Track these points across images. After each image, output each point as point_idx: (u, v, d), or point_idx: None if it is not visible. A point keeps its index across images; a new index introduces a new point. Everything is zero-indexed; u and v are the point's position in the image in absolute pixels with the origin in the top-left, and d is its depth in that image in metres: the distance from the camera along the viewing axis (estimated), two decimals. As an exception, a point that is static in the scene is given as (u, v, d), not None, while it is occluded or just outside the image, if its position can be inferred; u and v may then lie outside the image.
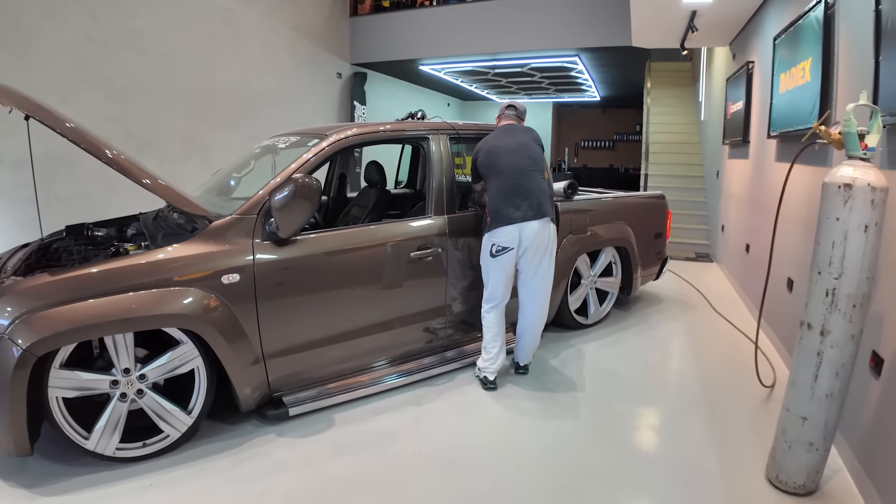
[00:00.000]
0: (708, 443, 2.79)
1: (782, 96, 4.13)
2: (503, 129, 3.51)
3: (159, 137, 5.73)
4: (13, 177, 4.39)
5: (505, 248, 3.21)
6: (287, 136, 3.61)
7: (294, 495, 2.35)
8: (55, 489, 2.36)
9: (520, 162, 3.28)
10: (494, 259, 3.25)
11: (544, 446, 2.77)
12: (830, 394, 2.23)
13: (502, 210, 3.20)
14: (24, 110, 2.44)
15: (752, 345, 3.99)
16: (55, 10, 4.69)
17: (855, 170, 2.11)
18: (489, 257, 3.27)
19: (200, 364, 2.60)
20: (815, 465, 2.35)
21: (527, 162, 3.29)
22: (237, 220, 2.75)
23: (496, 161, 3.30)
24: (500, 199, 3.22)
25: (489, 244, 3.26)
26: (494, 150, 3.34)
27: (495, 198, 3.24)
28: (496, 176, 3.28)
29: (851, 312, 2.16)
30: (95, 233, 3.29)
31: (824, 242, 2.18)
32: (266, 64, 7.36)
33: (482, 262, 3.36)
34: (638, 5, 5.38)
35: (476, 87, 12.87)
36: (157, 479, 2.44)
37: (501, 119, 3.64)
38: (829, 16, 3.24)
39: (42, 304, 2.29)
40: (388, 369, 3.32)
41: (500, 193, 3.23)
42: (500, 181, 3.26)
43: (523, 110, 3.65)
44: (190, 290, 2.53)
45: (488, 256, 3.28)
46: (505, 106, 3.65)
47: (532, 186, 3.24)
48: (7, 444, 2.28)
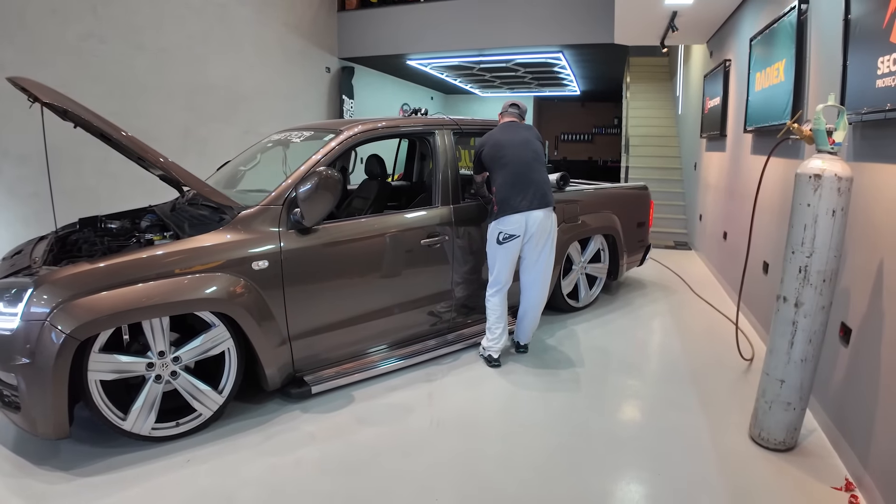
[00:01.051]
0: (695, 407, 3.09)
1: (758, 94, 4.42)
2: (507, 125, 3.71)
3: (158, 131, 5.85)
4: (18, 171, 4.49)
5: (512, 235, 3.45)
6: (300, 131, 3.81)
7: (327, 461, 2.58)
8: (92, 469, 2.50)
9: (525, 155, 3.52)
10: (501, 246, 3.48)
11: (546, 413, 3.04)
12: (804, 358, 2.53)
13: (510, 200, 3.43)
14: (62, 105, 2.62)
15: (730, 324, 4.32)
16: (58, 6, 4.78)
17: (823, 162, 2.40)
18: (496, 244, 3.50)
19: (231, 346, 2.79)
20: (793, 423, 2.64)
21: (531, 155, 3.54)
22: (264, 210, 2.94)
23: (503, 154, 3.52)
24: (507, 189, 3.45)
25: (496, 232, 3.48)
26: (501, 144, 3.56)
27: (503, 188, 3.46)
28: (503, 168, 3.50)
29: (821, 286, 2.45)
30: (109, 225, 3.42)
31: (797, 225, 2.47)
32: (258, 59, 7.49)
33: (488, 249, 3.58)
34: (622, 5, 5.63)
35: (460, 82, 13.08)
36: (192, 456, 2.61)
37: (504, 116, 3.83)
38: (802, 21, 3.50)
39: (82, 292, 2.43)
40: (400, 350, 3.56)
41: (507, 184, 3.46)
42: (506, 172, 3.48)
43: (524, 109, 3.88)
44: (222, 275, 2.72)
45: (495, 244, 3.50)
46: (508, 104, 3.86)
47: (537, 177, 3.49)
48: (46, 428, 2.41)
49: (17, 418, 2.47)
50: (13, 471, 2.50)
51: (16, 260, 2.93)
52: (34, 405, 2.39)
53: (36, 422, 2.41)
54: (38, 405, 2.38)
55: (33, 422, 2.42)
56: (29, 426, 2.44)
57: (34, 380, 2.36)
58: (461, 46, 8.73)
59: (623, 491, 2.42)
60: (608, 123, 17.23)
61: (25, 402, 2.39)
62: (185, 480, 2.44)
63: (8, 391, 2.49)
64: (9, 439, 2.75)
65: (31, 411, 2.40)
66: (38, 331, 2.35)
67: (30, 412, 2.40)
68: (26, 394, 2.38)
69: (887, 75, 2.23)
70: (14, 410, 2.46)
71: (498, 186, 3.50)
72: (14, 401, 2.46)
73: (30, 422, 2.43)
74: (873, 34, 2.35)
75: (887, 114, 2.23)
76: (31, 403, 2.39)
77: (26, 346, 2.35)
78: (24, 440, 2.74)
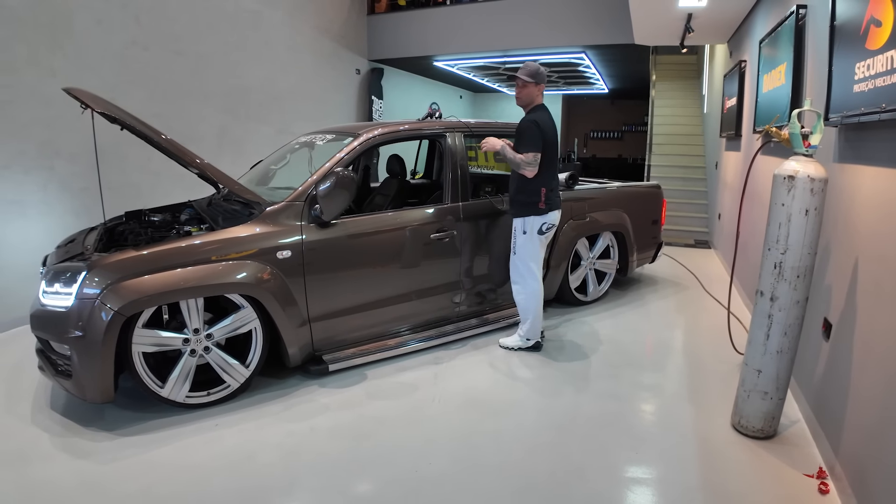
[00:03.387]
0: (684, 396, 3.28)
1: (765, 95, 4.54)
2: (549, 113, 3.74)
3: (197, 132, 6.24)
4: (70, 168, 4.88)
5: (553, 225, 3.75)
6: (324, 134, 4.13)
7: (338, 429, 2.89)
8: (132, 430, 2.86)
9: (557, 154, 3.76)
10: (543, 235, 3.71)
11: (540, 396, 3.28)
12: (780, 350, 2.69)
13: (556, 194, 3.73)
14: (112, 113, 2.98)
15: (735, 321, 4.46)
16: (104, 17, 5.17)
17: (798, 164, 2.56)
18: (537, 234, 3.68)
19: (257, 325, 3.13)
20: (771, 412, 2.80)
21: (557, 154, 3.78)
22: (288, 205, 3.27)
23: (553, 147, 3.66)
24: (554, 183, 3.72)
25: (539, 223, 3.67)
26: (553, 139, 3.66)
27: (551, 182, 3.68)
28: (551, 161, 3.65)
29: (795, 282, 2.61)
30: (152, 218, 3.80)
31: (773, 224, 2.64)
32: (290, 62, 7.84)
33: (528, 240, 3.71)
34: (636, 9, 5.78)
35: (487, 81, 13.28)
36: (220, 421, 2.96)
37: (541, 93, 3.78)
38: (801, 26, 3.62)
39: (128, 275, 2.79)
40: (411, 335, 3.85)
41: (553, 179, 3.71)
42: (552, 167, 3.69)
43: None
44: (251, 263, 3.06)
45: (535, 234, 3.68)
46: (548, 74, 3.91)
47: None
48: (94, 392, 2.78)
49: (68, 385, 2.84)
50: (62, 431, 2.87)
51: (69, 247, 3.31)
52: (84, 373, 2.75)
53: (85, 388, 2.78)
54: (87, 373, 2.74)
55: (83, 388, 2.78)
56: (79, 392, 2.81)
57: (85, 351, 2.72)
58: (486, 48, 8.94)
59: (598, 467, 2.60)
60: (638, 121, 17.14)
61: (77, 370, 2.75)
62: (213, 441, 2.77)
63: (62, 361, 2.87)
64: (59, 404, 3.14)
65: (82, 379, 2.76)
66: (89, 308, 2.71)
67: (80, 379, 2.77)
68: (78, 363, 2.74)
69: (863, 80, 2.36)
70: (66, 378, 2.83)
71: (547, 180, 3.65)
72: (66, 369, 2.83)
73: (80, 388, 2.79)
74: (852, 40, 2.46)
75: (861, 118, 2.37)
76: (82, 372, 2.75)
77: (79, 321, 2.71)
78: (71, 405, 3.12)
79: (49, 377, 2.96)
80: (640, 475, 2.55)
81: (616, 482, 2.49)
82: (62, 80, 4.66)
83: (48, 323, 2.85)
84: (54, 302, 2.82)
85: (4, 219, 4.42)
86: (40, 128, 4.62)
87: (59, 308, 2.79)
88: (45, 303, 2.86)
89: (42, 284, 2.93)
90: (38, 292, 2.95)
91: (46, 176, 4.70)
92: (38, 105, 4.57)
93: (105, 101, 3.02)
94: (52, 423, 2.94)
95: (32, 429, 2.90)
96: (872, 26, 2.20)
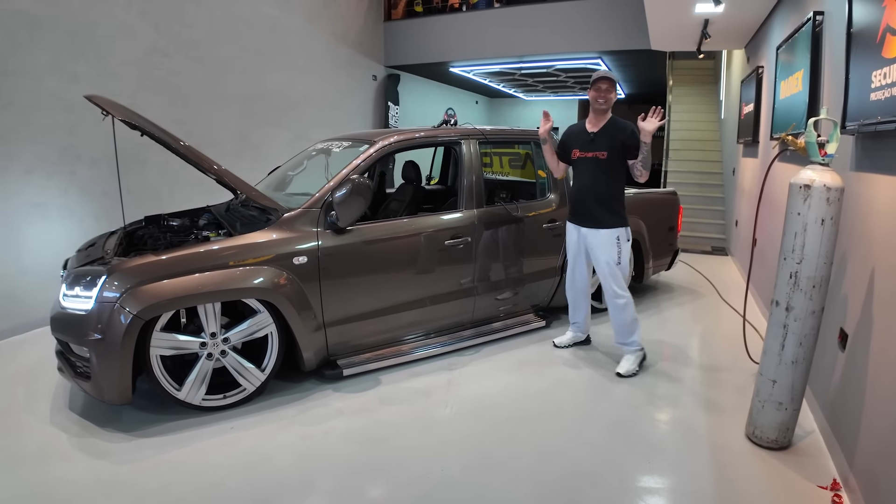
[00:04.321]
0: (698, 405, 3.26)
1: (782, 102, 4.51)
2: None
3: (216, 137, 6.33)
4: (90, 173, 4.98)
5: None
6: (340, 142, 4.17)
7: (351, 433, 2.92)
8: (149, 432, 2.91)
9: None
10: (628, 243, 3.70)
11: (552, 403, 3.28)
12: (795, 360, 2.67)
13: None
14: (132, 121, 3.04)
15: (750, 329, 4.42)
16: (125, 24, 5.26)
17: (814, 173, 2.55)
18: (627, 243, 3.69)
19: (273, 330, 3.17)
20: (786, 423, 2.77)
21: None
22: (304, 212, 3.31)
23: None
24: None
25: (628, 233, 3.69)
26: None
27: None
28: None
29: (811, 292, 2.59)
30: (171, 222, 3.86)
31: (788, 233, 2.62)
32: (308, 68, 7.93)
33: (623, 249, 3.67)
34: (653, 14, 5.76)
35: (504, 86, 13.30)
36: (236, 424, 3.00)
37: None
38: (818, 33, 3.60)
39: (147, 279, 2.85)
40: (425, 340, 3.88)
41: None
42: None
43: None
44: (268, 268, 3.10)
45: (626, 243, 3.68)
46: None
47: None
48: (112, 394, 2.84)
49: (87, 386, 2.90)
50: (80, 431, 2.93)
51: (90, 251, 3.38)
52: (103, 375, 2.81)
53: (103, 389, 2.83)
54: (106, 375, 2.80)
55: (101, 389, 2.84)
56: (97, 393, 2.86)
57: (104, 353, 2.78)
58: (502, 53, 8.97)
59: (611, 475, 2.60)
60: (656, 126, 17.00)
61: (95, 372, 2.81)
62: (228, 443, 2.82)
63: (81, 363, 2.94)
64: (77, 405, 3.20)
65: (100, 380, 2.82)
66: (109, 312, 2.77)
67: (99, 381, 2.82)
68: (97, 365, 2.80)
69: (879, 89, 2.34)
70: (85, 380, 2.89)
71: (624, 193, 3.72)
72: (85, 371, 2.89)
73: (98, 389, 2.85)
74: (869, 48, 2.44)
75: (877, 126, 2.35)
76: (101, 373, 2.81)
77: (99, 324, 2.77)
78: (89, 406, 3.18)
79: (68, 378, 3.02)
80: (653, 484, 2.54)
81: (628, 491, 2.48)
82: (84, 86, 4.77)
83: (68, 325, 2.91)
84: (75, 305, 2.89)
85: (27, 222, 4.52)
86: (62, 133, 4.72)
87: (79, 311, 2.85)
88: (66, 306, 2.93)
89: (63, 287, 3.00)
90: (59, 295, 3.01)
91: (68, 180, 4.80)
92: (59, 110, 4.67)
93: (125, 107, 3.08)
94: (70, 424, 3.00)
95: (51, 429, 2.96)
96: (889, 35, 2.18)
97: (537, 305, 4.57)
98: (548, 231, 4.34)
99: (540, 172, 4.59)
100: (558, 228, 4.35)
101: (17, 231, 4.46)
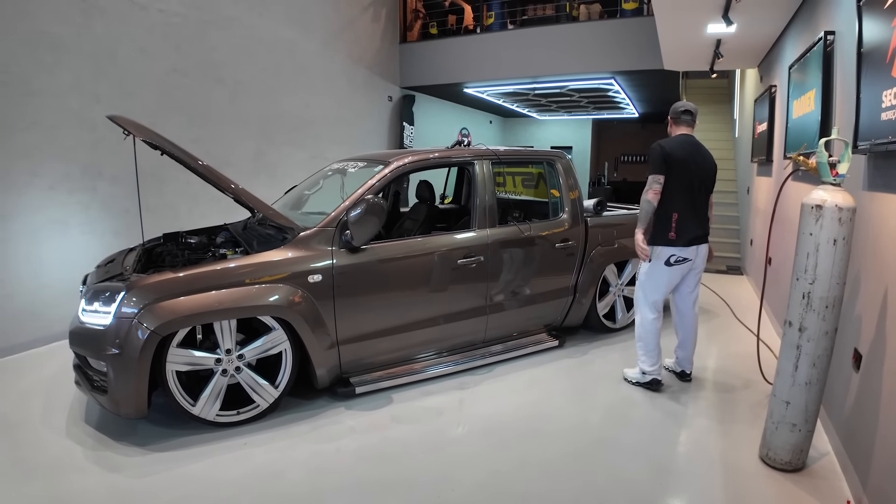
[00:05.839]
0: (712, 426, 3.24)
1: (795, 121, 4.50)
2: (689, 141, 3.59)
3: (234, 156, 6.44)
4: (111, 189, 5.08)
5: (686, 259, 3.54)
6: (355, 162, 4.24)
7: (363, 450, 2.93)
8: (163, 446, 2.95)
9: (703, 184, 3.58)
10: (671, 267, 3.54)
11: (565, 423, 3.27)
12: (809, 381, 2.65)
13: (689, 227, 3.50)
14: (153, 141, 3.12)
15: (765, 349, 4.38)
16: (146, 45, 5.41)
17: (825, 193, 2.55)
18: (663, 265, 3.54)
19: (287, 347, 3.20)
20: (799, 444, 2.74)
21: (708, 185, 3.63)
22: (320, 231, 3.36)
23: (686, 175, 3.48)
24: (687, 215, 3.50)
25: (667, 254, 3.53)
26: (687, 163, 3.48)
27: (684, 213, 3.49)
28: (685, 190, 3.49)
29: (824, 312, 2.58)
30: (189, 240, 3.91)
31: (801, 253, 2.62)
32: (325, 89, 8.06)
33: (652, 269, 3.59)
34: (665, 35, 5.80)
35: (517, 106, 13.38)
36: (249, 440, 3.03)
37: (679, 126, 3.66)
38: (829, 52, 3.61)
39: (165, 296, 2.90)
40: (437, 359, 3.90)
41: (686, 210, 3.51)
42: (686, 197, 3.50)
43: (696, 113, 3.69)
44: (283, 286, 3.15)
45: (662, 265, 3.55)
46: (681, 110, 3.65)
47: (704, 210, 3.63)
48: (128, 408, 2.89)
49: (103, 400, 2.95)
50: (95, 444, 2.98)
51: (109, 267, 3.45)
52: (119, 389, 2.85)
53: (120, 403, 2.88)
54: (122, 389, 2.85)
55: (117, 403, 2.89)
56: (113, 407, 2.91)
57: (121, 368, 2.83)
58: (516, 74, 9.04)
59: (623, 497, 2.58)
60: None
61: (112, 386, 2.86)
62: (241, 459, 2.84)
63: (98, 377, 2.99)
64: (93, 419, 3.25)
65: (117, 394, 2.87)
66: (127, 327, 2.83)
67: (115, 395, 2.87)
68: (114, 379, 2.85)
69: (889, 108, 2.34)
70: (102, 393, 2.94)
71: (679, 210, 3.48)
72: (102, 385, 2.94)
73: (114, 403, 2.90)
74: (879, 68, 2.45)
75: (888, 146, 2.35)
76: (117, 387, 2.85)
77: (116, 339, 2.83)
78: (105, 419, 3.23)
79: (85, 392, 3.08)
80: (665, 506, 2.52)
81: (640, 512, 2.46)
82: (105, 106, 4.90)
83: (86, 340, 2.97)
84: (93, 320, 2.95)
85: (48, 237, 4.62)
86: (84, 151, 4.84)
87: (97, 326, 2.91)
88: (85, 320, 2.99)
89: (82, 303, 3.07)
90: (78, 310, 3.08)
91: (89, 197, 4.91)
92: (82, 129, 4.80)
93: (146, 128, 3.17)
94: (86, 437, 3.05)
95: (66, 441, 3.01)
96: (898, 56, 2.20)
97: (550, 325, 4.57)
98: (560, 250, 4.35)
99: (553, 192, 4.62)
100: (571, 248, 4.37)
101: (38, 246, 4.56)
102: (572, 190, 4.49)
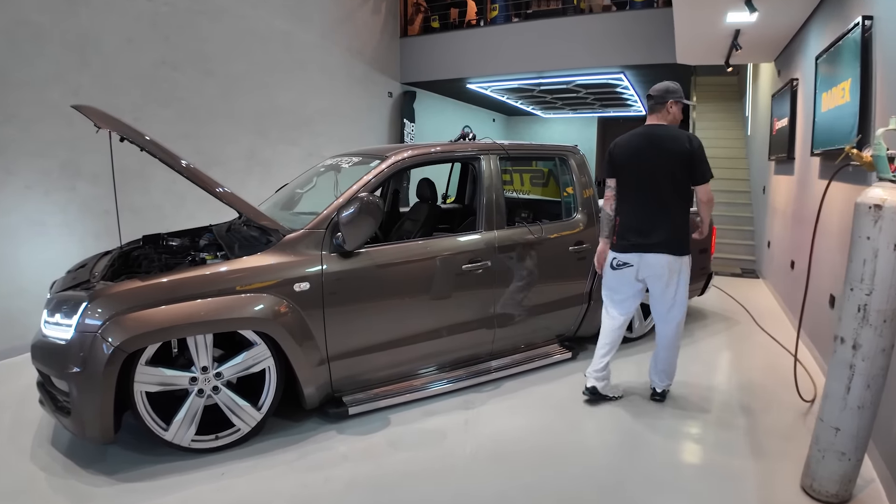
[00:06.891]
0: (745, 450, 2.91)
1: (824, 115, 4.20)
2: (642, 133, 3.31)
3: (225, 154, 6.13)
4: (92, 189, 4.78)
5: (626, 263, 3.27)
6: (350, 157, 3.91)
7: (357, 481, 2.61)
8: (134, 475, 2.64)
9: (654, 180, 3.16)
10: (615, 271, 3.32)
11: (582, 446, 2.96)
12: (862, 405, 2.33)
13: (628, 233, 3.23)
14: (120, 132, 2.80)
15: (793, 360, 4.06)
16: (134, 35, 5.11)
17: (884, 191, 2.23)
18: (609, 267, 3.35)
19: (271, 364, 2.87)
20: (848, 475, 2.44)
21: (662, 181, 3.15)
22: (308, 233, 3.03)
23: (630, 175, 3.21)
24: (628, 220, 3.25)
25: (610, 257, 3.33)
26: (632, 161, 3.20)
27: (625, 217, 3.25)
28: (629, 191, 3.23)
29: (882, 327, 2.26)
30: (170, 242, 3.62)
31: (856, 260, 2.30)
32: (322, 84, 7.76)
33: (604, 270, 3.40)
34: (682, 25, 5.51)
35: (521, 104, 13.10)
36: (228, 469, 2.71)
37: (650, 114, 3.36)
38: (867, 38, 3.31)
39: (132, 307, 2.58)
40: (439, 375, 3.56)
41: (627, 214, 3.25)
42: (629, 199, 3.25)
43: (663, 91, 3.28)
44: (265, 296, 2.82)
45: (609, 267, 3.35)
46: (646, 95, 3.36)
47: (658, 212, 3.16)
48: (93, 432, 2.57)
49: (67, 422, 2.64)
50: (61, 471, 2.68)
51: (78, 273, 3.13)
52: (83, 411, 2.54)
53: (84, 426, 2.57)
54: (86, 411, 2.54)
55: (82, 426, 2.58)
56: (77, 430, 2.61)
57: (84, 387, 2.51)
58: (521, 69, 8.76)
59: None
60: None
61: (76, 407, 2.55)
62: (220, 491, 2.53)
63: (61, 396, 2.68)
64: (61, 441, 2.95)
65: (81, 416, 2.56)
66: (90, 342, 2.51)
67: (79, 417, 2.56)
68: (77, 400, 2.54)
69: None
70: (65, 415, 2.63)
71: (621, 214, 3.24)
72: (65, 406, 2.63)
73: (79, 426, 2.59)
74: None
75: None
76: (81, 409, 2.55)
77: (79, 355, 2.51)
78: (75, 444, 2.91)
79: (49, 412, 2.77)
80: (701, 550, 2.21)
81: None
82: (84, 98, 4.59)
83: (48, 355, 2.66)
84: (55, 333, 2.64)
85: (25, 240, 4.34)
86: (63, 147, 4.55)
87: (58, 340, 2.60)
88: (46, 333, 2.69)
89: (44, 313, 2.75)
90: (41, 321, 2.76)
91: (68, 197, 4.62)
92: (60, 124, 4.49)
93: (118, 120, 2.82)
94: (52, 462, 2.76)
95: (30, 465, 2.74)
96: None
97: (562, 335, 4.24)
98: (574, 254, 4.02)
99: (568, 189, 4.28)
100: (585, 251, 4.04)
101: (14, 249, 4.28)
102: (586, 188, 4.16)
